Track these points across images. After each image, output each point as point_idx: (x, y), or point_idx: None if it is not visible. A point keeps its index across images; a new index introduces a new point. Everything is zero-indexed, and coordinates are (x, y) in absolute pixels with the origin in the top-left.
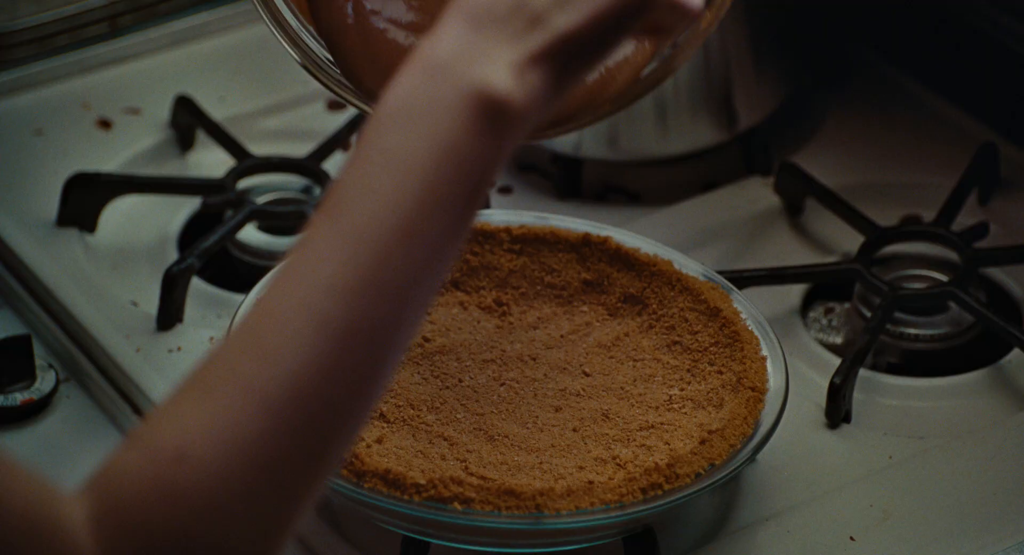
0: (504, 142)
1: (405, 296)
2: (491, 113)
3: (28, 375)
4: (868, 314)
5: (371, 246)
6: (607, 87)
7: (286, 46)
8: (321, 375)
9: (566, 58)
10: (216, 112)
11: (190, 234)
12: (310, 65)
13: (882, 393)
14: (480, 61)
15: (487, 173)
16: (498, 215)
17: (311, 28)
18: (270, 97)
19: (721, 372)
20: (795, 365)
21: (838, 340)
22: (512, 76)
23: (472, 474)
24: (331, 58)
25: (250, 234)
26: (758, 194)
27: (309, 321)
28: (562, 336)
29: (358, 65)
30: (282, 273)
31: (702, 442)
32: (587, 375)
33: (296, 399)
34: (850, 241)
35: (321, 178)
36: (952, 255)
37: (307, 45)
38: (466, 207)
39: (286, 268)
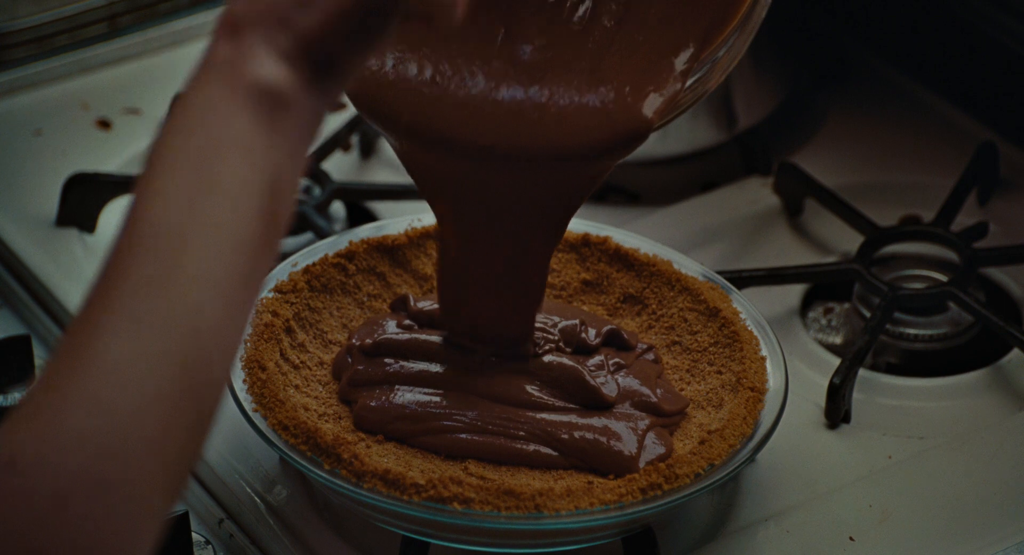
0: (290, 133)
1: (217, 291)
2: (269, 103)
3: (28, 375)
4: (867, 314)
5: (174, 236)
6: (709, 81)
7: None
8: (145, 366)
9: (324, 49)
10: None
11: None
12: None
13: (881, 393)
14: (246, 61)
15: (283, 168)
16: None
17: None
18: None
19: (720, 372)
20: (794, 365)
21: (837, 340)
22: (278, 68)
23: (471, 474)
24: None
25: None
26: (757, 194)
27: (125, 321)
28: None
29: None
30: (97, 283)
31: (701, 442)
32: None
33: (123, 396)
34: (849, 241)
35: (321, 178)
36: (951, 255)
37: None
38: (271, 207)
39: (100, 282)
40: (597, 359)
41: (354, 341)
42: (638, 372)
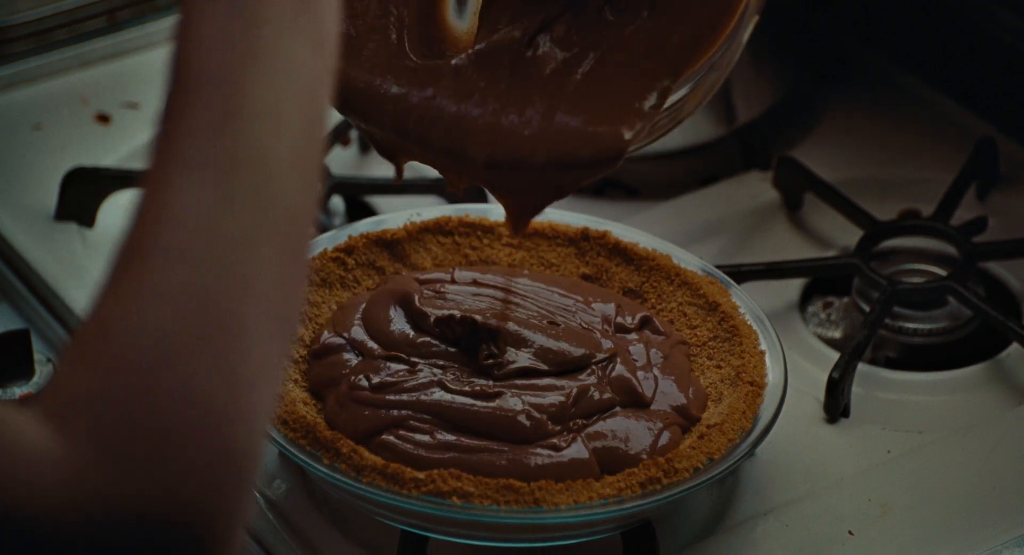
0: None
1: (280, 127)
2: None
3: (27, 370)
4: (867, 308)
5: (225, 79)
6: (684, 109)
7: None
8: (218, 212)
9: None
10: None
11: None
12: None
13: (881, 387)
14: None
15: (324, 33)
16: (498, 210)
17: None
18: None
19: (720, 366)
20: (794, 359)
21: (837, 334)
22: None
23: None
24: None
25: None
26: (757, 188)
27: (202, 171)
28: None
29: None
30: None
31: (700, 436)
32: None
33: (204, 241)
34: (849, 235)
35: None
36: (951, 249)
37: None
38: (317, 61)
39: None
40: (639, 347)
41: (324, 335)
42: (674, 367)
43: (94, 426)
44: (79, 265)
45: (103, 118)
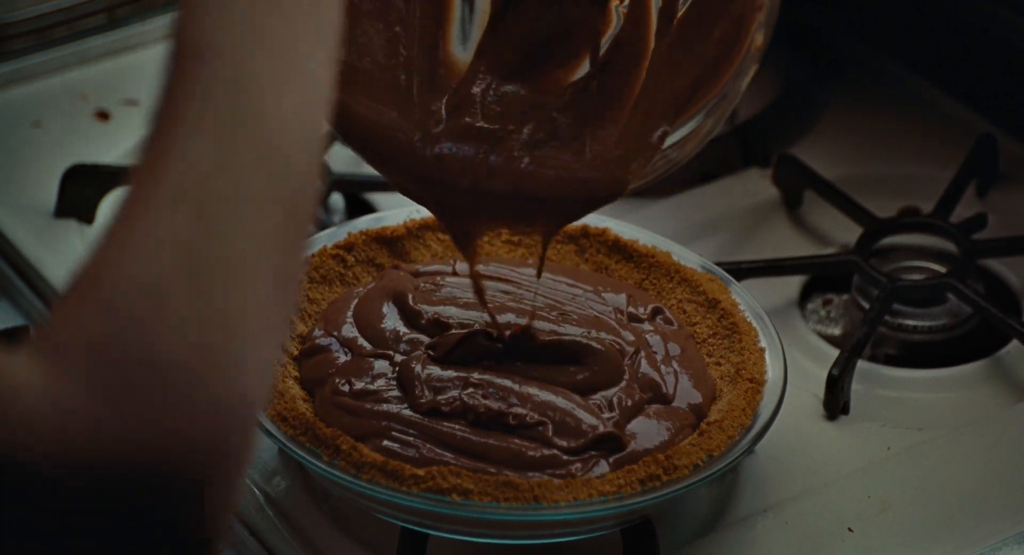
0: None
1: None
2: None
3: None
4: (866, 305)
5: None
6: (682, 151)
7: None
8: (217, 168)
9: None
10: None
11: None
12: None
13: (880, 384)
14: None
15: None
16: None
17: None
18: None
19: (719, 363)
20: (793, 356)
21: (836, 331)
22: None
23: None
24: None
25: None
26: (756, 186)
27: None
28: None
29: None
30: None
31: (700, 433)
32: None
33: (201, 193)
34: (848, 232)
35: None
36: (950, 246)
37: None
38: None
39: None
40: (656, 338)
41: (315, 332)
42: (690, 362)
43: (90, 366)
44: (78, 262)
45: (103, 115)
